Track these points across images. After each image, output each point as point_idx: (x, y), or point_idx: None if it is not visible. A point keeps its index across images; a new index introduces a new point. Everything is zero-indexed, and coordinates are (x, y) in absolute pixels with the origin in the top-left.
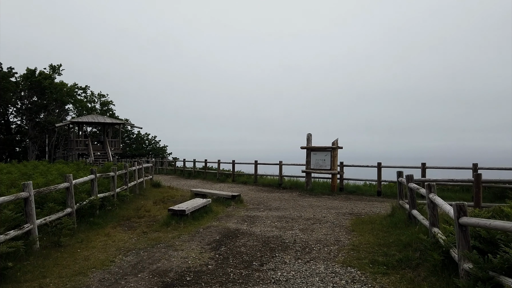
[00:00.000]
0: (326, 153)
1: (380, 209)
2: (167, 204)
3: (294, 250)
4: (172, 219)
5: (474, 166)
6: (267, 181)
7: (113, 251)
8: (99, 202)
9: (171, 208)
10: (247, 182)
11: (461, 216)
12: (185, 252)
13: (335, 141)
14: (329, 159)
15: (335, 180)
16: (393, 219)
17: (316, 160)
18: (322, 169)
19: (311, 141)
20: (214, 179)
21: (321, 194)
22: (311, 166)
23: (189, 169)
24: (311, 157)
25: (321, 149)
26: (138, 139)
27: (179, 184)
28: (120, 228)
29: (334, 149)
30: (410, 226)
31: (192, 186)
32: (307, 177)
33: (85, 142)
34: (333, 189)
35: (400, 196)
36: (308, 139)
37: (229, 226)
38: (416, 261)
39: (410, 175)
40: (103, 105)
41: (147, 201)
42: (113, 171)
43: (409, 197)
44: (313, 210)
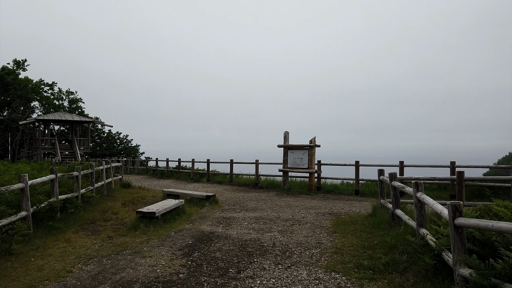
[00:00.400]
0: (303, 151)
1: (360, 209)
2: (137, 206)
3: (273, 255)
4: (141, 222)
5: (452, 164)
6: (243, 180)
7: (72, 259)
8: (60, 204)
9: (139, 210)
10: (222, 181)
11: (457, 216)
12: (153, 259)
13: (313, 139)
14: (306, 157)
15: (313, 179)
16: (376, 219)
17: (294, 159)
18: (300, 168)
19: (288, 139)
20: (188, 179)
21: (298, 193)
22: (288, 165)
23: (162, 169)
24: (288, 156)
25: (298, 148)
26: (109, 138)
27: (151, 184)
28: (83, 233)
29: (311, 148)
30: (394, 227)
31: (165, 186)
32: (284, 176)
33: (52, 141)
34: (310, 188)
35: (381, 195)
36: (285, 137)
37: (203, 228)
38: (403, 265)
39: (393, 173)
40: (71, 102)
41: (116, 202)
42: (77, 171)
43: (392, 196)
44: (291, 210)
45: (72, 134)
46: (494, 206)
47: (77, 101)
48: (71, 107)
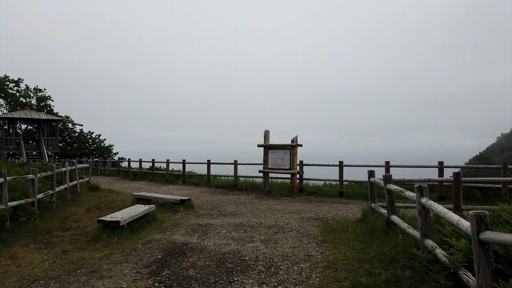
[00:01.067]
0: (285, 151)
1: (347, 213)
2: (103, 212)
3: (256, 271)
4: (103, 233)
5: (440, 164)
6: (221, 182)
7: (13, 282)
8: (10, 212)
9: (102, 219)
10: (199, 183)
11: (482, 230)
12: (113, 281)
13: (295, 138)
14: (288, 157)
15: (295, 181)
16: (368, 226)
17: (274, 159)
18: (281, 169)
19: (269, 139)
20: (162, 180)
21: (280, 195)
22: (269, 166)
23: (135, 170)
24: (268, 156)
25: (279, 147)
26: (80, 138)
27: (122, 186)
28: (34, 246)
29: (293, 147)
30: (390, 235)
31: (137, 189)
32: (264, 177)
33: (17, 140)
34: (292, 190)
35: (371, 199)
36: (265, 136)
37: (176, 239)
38: (408, 283)
39: (388, 174)
40: (40, 100)
41: (79, 208)
42: (33, 173)
43: (387, 201)
44: (273, 215)
45: (39, 134)
46: (500, 211)
47: (45, 99)
48: (40, 105)
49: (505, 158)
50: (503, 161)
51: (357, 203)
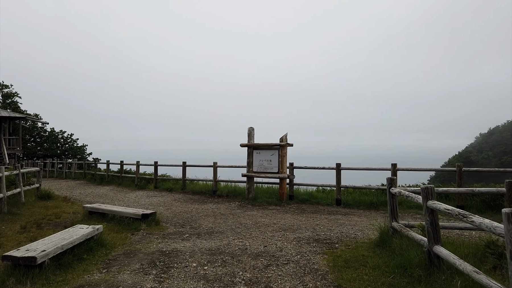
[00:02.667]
0: (272, 151)
1: (353, 230)
2: (43, 231)
3: None
4: (11, 275)
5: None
6: (198, 187)
7: None
8: None
9: (10, 254)
10: (173, 189)
11: None
12: None
13: (284, 137)
14: (276, 159)
15: (284, 186)
16: (396, 259)
17: (260, 161)
18: (268, 173)
19: (254, 137)
20: (131, 185)
21: (267, 204)
22: (253, 169)
23: (102, 173)
24: (253, 157)
25: (266, 147)
26: (51, 138)
27: (83, 193)
28: None
29: (282, 147)
30: (437, 278)
31: (99, 196)
32: (248, 182)
33: None
34: (281, 197)
35: (392, 216)
36: (249, 134)
37: (120, 284)
38: None
39: (429, 186)
40: (6, 97)
41: (13, 224)
42: None
43: (428, 225)
44: (261, 234)
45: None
46: None
47: (12, 95)
48: (5, 103)
49: (484, 157)
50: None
51: (359, 214)
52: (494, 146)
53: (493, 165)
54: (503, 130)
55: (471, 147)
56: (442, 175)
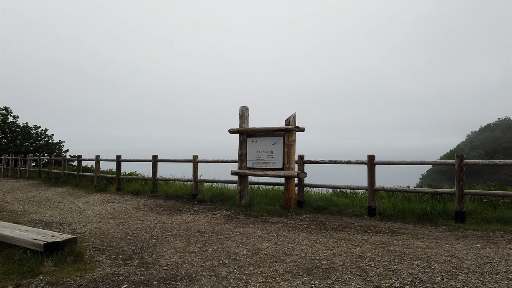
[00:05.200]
0: (274, 139)
1: (440, 275)
2: None
3: None
4: None
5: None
6: (173, 189)
7: None
8: None
9: None
10: (140, 191)
11: None
12: None
13: (291, 118)
14: (280, 150)
15: (292, 188)
16: None
17: (258, 153)
18: (268, 169)
19: (248, 120)
20: (90, 186)
21: (267, 214)
22: (247, 164)
23: (58, 172)
24: (248, 148)
25: (265, 133)
26: (23, 133)
27: (19, 198)
28: None
29: (289, 132)
30: None
31: (39, 201)
32: (240, 183)
33: None
34: (288, 204)
35: None
36: (241, 115)
37: None
38: None
39: None
40: None
41: None
42: None
43: None
44: (267, 282)
45: None
46: None
47: None
48: None
49: (475, 155)
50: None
51: (414, 232)
52: (485, 144)
53: None
54: (494, 128)
55: (462, 145)
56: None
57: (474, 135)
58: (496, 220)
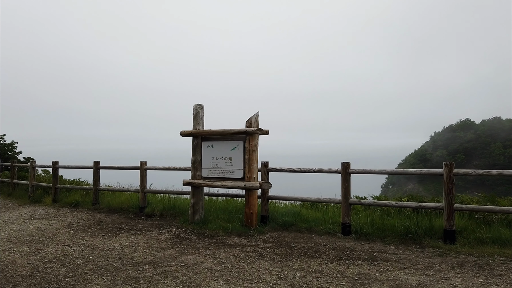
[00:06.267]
0: (234, 144)
1: None
2: None
3: None
4: None
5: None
6: (119, 201)
7: None
8: None
9: None
10: (80, 203)
11: None
12: None
13: (253, 119)
14: (240, 157)
15: (254, 202)
16: None
17: (214, 160)
18: (226, 178)
19: (203, 120)
20: (25, 196)
21: (224, 234)
22: (202, 173)
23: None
24: (203, 154)
25: (223, 137)
26: None
27: None
28: None
29: (251, 136)
30: None
31: None
32: (194, 195)
33: None
34: (249, 221)
35: None
36: (196, 115)
37: None
38: None
39: None
40: None
41: None
42: None
43: None
44: None
45: None
46: None
47: None
48: None
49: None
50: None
51: (400, 258)
52: (448, 144)
53: None
54: (456, 129)
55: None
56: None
57: (437, 136)
58: (492, 241)
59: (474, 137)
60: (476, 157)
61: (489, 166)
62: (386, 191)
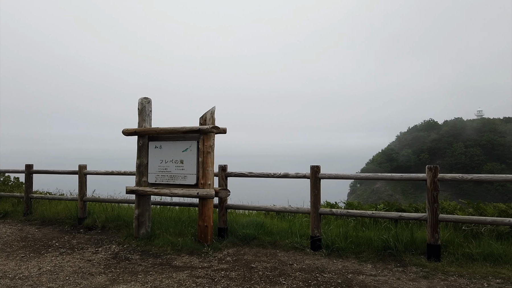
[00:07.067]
0: (186, 145)
1: None
2: None
3: None
4: None
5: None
6: (55, 211)
7: None
8: None
9: None
10: (10, 213)
11: None
12: None
13: (208, 115)
14: (193, 159)
15: (209, 213)
16: None
17: (163, 163)
18: (177, 185)
19: (150, 117)
20: None
21: (172, 252)
22: (149, 179)
23: None
24: (149, 156)
25: (173, 136)
26: None
27: None
28: None
29: (205, 135)
30: None
31: None
32: (140, 205)
33: None
34: (203, 236)
35: None
36: (141, 111)
37: None
38: None
39: None
40: None
41: None
42: None
43: None
44: None
45: None
46: None
47: None
48: None
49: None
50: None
51: (381, 283)
52: (413, 143)
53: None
54: (420, 129)
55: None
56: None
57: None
58: (483, 258)
59: (437, 137)
60: (440, 156)
61: (451, 165)
62: (355, 189)
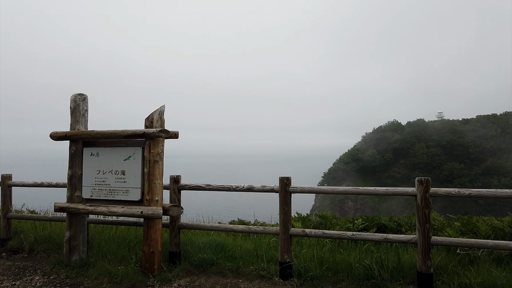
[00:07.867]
0: (128, 152)
1: None
2: None
3: None
4: None
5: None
6: None
7: None
8: None
9: None
10: None
11: None
12: None
13: (155, 116)
14: (137, 169)
15: (156, 236)
16: None
17: (101, 174)
18: (117, 201)
19: (86, 118)
20: None
21: (111, 285)
22: (83, 193)
23: None
24: (85, 165)
25: (113, 141)
26: None
27: None
28: None
29: (152, 140)
30: None
31: None
32: (71, 225)
33: None
34: (148, 264)
35: None
36: (74, 109)
37: None
38: None
39: None
40: None
41: None
42: None
43: None
44: None
45: None
46: None
47: None
48: None
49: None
50: None
51: None
52: (378, 144)
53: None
54: (385, 129)
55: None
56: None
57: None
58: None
59: (400, 138)
60: (403, 156)
61: (414, 164)
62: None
